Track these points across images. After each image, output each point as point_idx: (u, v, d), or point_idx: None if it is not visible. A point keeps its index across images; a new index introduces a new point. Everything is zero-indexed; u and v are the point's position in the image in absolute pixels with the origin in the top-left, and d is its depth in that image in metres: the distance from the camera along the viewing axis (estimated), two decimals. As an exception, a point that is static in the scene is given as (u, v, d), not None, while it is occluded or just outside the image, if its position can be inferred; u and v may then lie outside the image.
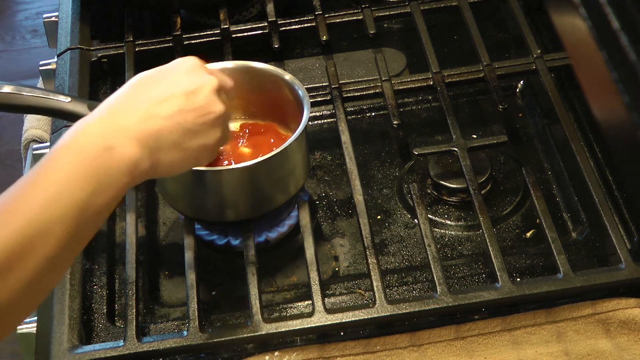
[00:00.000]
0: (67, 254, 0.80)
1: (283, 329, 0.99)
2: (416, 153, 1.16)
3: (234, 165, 1.04)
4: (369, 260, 1.03)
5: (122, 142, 0.84)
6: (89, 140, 0.82)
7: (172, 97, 0.90)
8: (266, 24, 1.33)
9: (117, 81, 1.33)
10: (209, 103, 0.92)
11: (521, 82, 1.30)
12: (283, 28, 1.33)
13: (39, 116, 1.32)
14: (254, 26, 1.33)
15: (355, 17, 1.34)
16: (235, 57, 1.26)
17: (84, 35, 1.34)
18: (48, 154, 0.81)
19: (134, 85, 0.91)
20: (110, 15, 1.41)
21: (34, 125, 1.33)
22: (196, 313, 1.00)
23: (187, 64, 0.94)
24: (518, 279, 1.04)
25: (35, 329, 1.04)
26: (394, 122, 1.18)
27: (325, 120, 1.29)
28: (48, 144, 1.25)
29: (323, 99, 1.24)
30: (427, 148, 1.16)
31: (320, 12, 1.34)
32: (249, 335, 0.99)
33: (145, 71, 0.94)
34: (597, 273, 1.02)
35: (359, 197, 1.09)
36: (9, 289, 0.74)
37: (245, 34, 1.33)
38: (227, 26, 1.32)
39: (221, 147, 1.01)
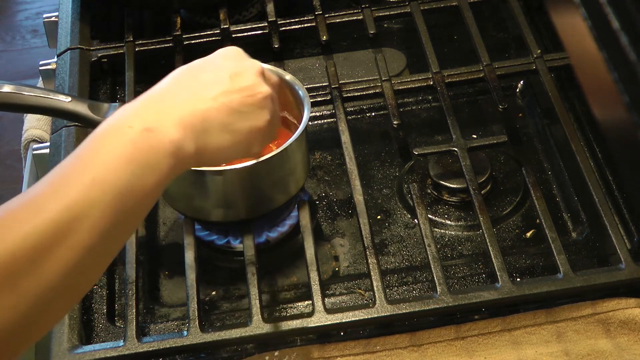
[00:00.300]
0: (106, 244, 0.74)
1: (283, 329, 0.99)
2: (416, 153, 1.16)
3: (234, 166, 1.04)
4: (369, 260, 1.03)
5: (162, 124, 0.80)
6: (129, 123, 0.78)
7: (216, 80, 0.88)
8: (266, 24, 1.33)
9: (117, 81, 1.33)
10: (255, 84, 0.91)
11: (521, 82, 1.30)
12: (283, 28, 1.33)
13: (39, 116, 1.32)
14: (254, 26, 1.33)
15: (355, 17, 1.34)
16: (235, 57, 1.26)
17: (84, 35, 1.34)
18: (89, 137, 0.78)
19: (175, 75, 0.89)
20: (110, 15, 1.41)
21: (34, 125, 1.33)
22: (196, 313, 1.00)
23: (229, 51, 0.94)
24: (518, 279, 1.04)
25: (35, 329, 1.04)
26: (394, 122, 1.19)
27: (325, 120, 1.29)
28: (48, 144, 1.24)
29: (323, 99, 1.24)
30: (427, 148, 1.16)
31: (320, 12, 1.34)
32: (249, 335, 0.99)
33: (186, 64, 0.92)
34: (597, 273, 1.02)
35: (359, 197, 1.09)
36: (46, 277, 0.69)
37: (245, 34, 1.33)
38: (227, 26, 1.32)
39: (273, 139, 0.98)
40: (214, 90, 0.87)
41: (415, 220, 1.10)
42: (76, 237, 0.71)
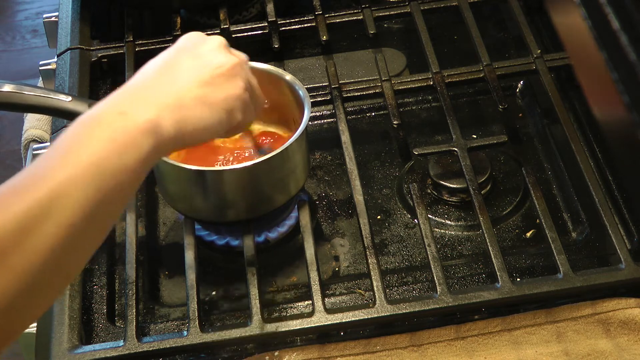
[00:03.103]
0: (90, 225, 0.76)
1: (283, 329, 0.99)
2: (416, 153, 1.16)
3: (234, 166, 1.04)
4: (369, 260, 1.03)
5: (136, 106, 0.82)
6: (103, 111, 0.81)
7: (182, 63, 0.90)
8: (266, 24, 1.33)
9: (117, 81, 1.33)
10: (220, 56, 0.93)
11: (521, 82, 1.30)
12: (283, 28, 1.33)
13: (39, 116, 1.32)
14: (254, 26, 1.33)
15: (355, 17, 1.34)
16: (235, 57, 1.26)
17: (84, 35, 1.34)
18: (67, 128, 0.79)
19: (145, 69, 0.91)
20: (110, 15, 1.42)
21: (34, 125, 1.33)
22: (196, 313, 1.00)
23: (190, 36, 0.95)
24: (518, 279, 1.04)
25: (35, 329, 1.04)
26: (394, 122, 1.19)
27: (325, 120, 1.29)
28: (48, 144, 1.25)
29: (323, 99, 1.24)
30: (427, 148, 1.16)
31: (320, 12, 1.34)
32: (249, 335, 0.99)
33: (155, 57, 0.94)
34: (597, 273, 1.02)
35: (359, 197, 1.09)
36: (34, 255, 0.71)
37: (245, 34, 1.33)
38: (227, 26, 1.32)
39: (258, 109, 0.99)
40: (182, 71, 0.89)
41: (415, 220, 1.10)
42: (60, 215, 0.73)
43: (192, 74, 0.89)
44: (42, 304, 0.76)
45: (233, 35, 1.32)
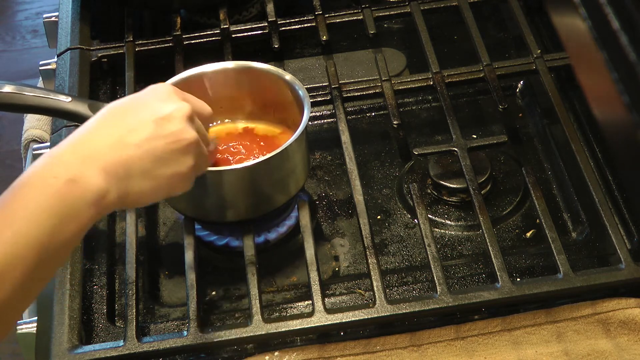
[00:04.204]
0: (28, 293, 0.77)
1: (283, 329, 0.99)
2: (416, 153, 1.16)
3: (234, 166, 1.04)
4: (369, 260, 1.03)
5: (87, 173, 0.81)
6: (53, 173, 0.80)
7: (141, 125, 0.88)
8: (266, 24, 1.33)
9: (117, 81, 1.33)
10: (180, 130, 0.90)
11: (521, 82, 1.30)
12: (283, 28, 1.33)
13: (39, 116, 1.32)
14: (254, 26, 1.33)
15: (355, 17, 1.34)
16: (235, 57, 1.26)
17: (84, 35, 1.34)
18: (12, 185, 0.79)
19: (104, 115, 0.89)
20: (110, 15, 1.41)
21: (34, 125, 1.33)
22: (196, 313, 1.00)
23: (159, 90, 0.93)
24: (518, 279, 1.04)
25: (35, 329, 1.04)
26: (394, 122, 1.19)
27: (325, 120, 1.29)
28: (48, 144, 1.25)
29: (323, 99, 1.24)
30: (427, 148, 1.16)
31: (320, 12, 1.34)
32: (249, 335, 0.99)
33: (118, 100, 0.92)
34: (597, 273, 1.02)
35: (359, 197, 1.09)
36: None
37: (245, 34, 1.33)
38: (227, 26, 1.32)
39: (197, 176, 0.98)
40: (138, 136, 0.87)
41: (415, 220, 1.10)
42: (2, 287, 0.74)
43: (147, 142, 0.87)
44: None
45: (233, 35, 1.32)
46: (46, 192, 0.78)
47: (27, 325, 1.05)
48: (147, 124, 0.88)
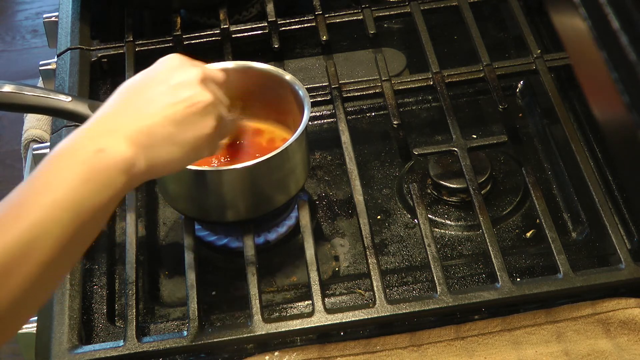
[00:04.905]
0: (66, 258, 0.79)
1: (283, 329, 0.99)
2: (416, 153, 1.16)
3: (234, 166, 1.04)
4: (369, 260, 1.03)
5: (113, 143, 0.83)
6: (81, 145, 0.82)
7: (157, 95, 0.90)
8: (266, 24, 1.33)
9: (117, 81, 1.31)
10: (196, 94, 0.92)
11: (521, 82, 1.30)
12: (283, 28, 1.33)
13: (39, 116, 1.32)
14: (254, 26, 1.33)
15: (355, 17, 1.34)
16: (235, 57, 1.26)
17: (84, 35, 1.34)
18: (44, 160, 0.81)
19: (120, 93, 0.92)
20: (110, 15, 1.41)
21: (34, 125, 1.33)
22: (196, 313, 1.00)
23: (170, 61, 0.95)
24: (518, 279, 1.04)
25: (35, 329, 1.04)
26: (394, 122, 1.19)
27: (325, 120, 1.29)
28: (48, 144, 1.25)
29: (323, 99, 1.24)
30: (427, 148, 1.16)
31: (320, 12, 1.34)
32: (249, 335, 0.99)
33: (133, 76, 0.94)
34: (597, 273, 1.02)
35: (359, 197, 1.09)
36: (9, 294, 0.74)
37: (245, 34, 1.33)
38: (227, 26, 1.32)
39: (223, 141, 1.00)
40: (156, 105, 0.89)
41: (415, 220, 1.10)
42: (39, 254, 0.76)
43: (166, 109, 0.89)
44: (8, 333, 0.78)
45: (233, 35, 1.32)
46: (78, 161, 0.80)
47: (27, 325, 1.05)
48: (163, 93, 0.91)
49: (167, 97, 0.90)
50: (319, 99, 1.23)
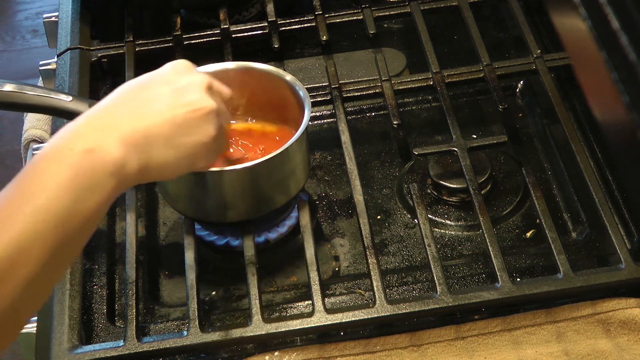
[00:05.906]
0: (52, 269, 0.75)
1: (283, 329, 0.99)
2: (416, 153, 1.16)
3: (234, 166, 1.04)
4: (369, 260, 1.03)
5: (104, 143, 0.79)
6: (70, 145, 0.78)
7: (159, 96, 0.87)
8: (266, 24, 1.33)
9: (117, 81, 1.32)
10: (199, 99, 0.89)
11: (521, 82, 1.30)
12: (283, 28, 1.33)
13: (39, 116, 1.32)
14: (254, 26, 1.33)
15: (355, 17, 1.34)
16: (235, 57, 1.26)
17: (84, 35, 1.34)
18: (30, 162, 0.77)
19: (121, 89, 0.89)
20: (110, 15, 1.41)
21: (34, 125, 1.33)
22: (196, 313, 1.00)
23: (176, 66, 0.93)
24: (518, 279, 1.04)
25: (35, 329, 1.04)
26: (394, 122, 1.19)
27: (325, 120, 1.29)
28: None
29: (323, 99, 1.24)
30: (427, 148, 1.16)
31: (320, 12, 1.34)
32: (249, 335, 0.99)
33: (137, 77, 0.92)
34: (597, 273, 1.02)
35: (359, 197, 1.09)
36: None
37: (245, 34, 1.33)
38: (227, 26, 1.32)
39: (219, 153, 0.98)
40: (156, 106, 0.86)
41: (415, 220, 1.10)
42: (21, 270, 0.72)
43: (166, 111, 0.87)
44: (12, 329, 0.75)
45: (233, 35, 1.32)
46: (64, 165, 0.76)
47: (27, 325, 1.05)
48: (165, 95, 0.88)
49: (168, 99, 0.88)
50: (319, 99, 1.23)
